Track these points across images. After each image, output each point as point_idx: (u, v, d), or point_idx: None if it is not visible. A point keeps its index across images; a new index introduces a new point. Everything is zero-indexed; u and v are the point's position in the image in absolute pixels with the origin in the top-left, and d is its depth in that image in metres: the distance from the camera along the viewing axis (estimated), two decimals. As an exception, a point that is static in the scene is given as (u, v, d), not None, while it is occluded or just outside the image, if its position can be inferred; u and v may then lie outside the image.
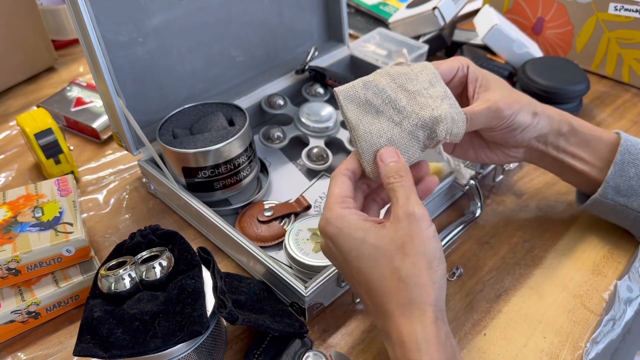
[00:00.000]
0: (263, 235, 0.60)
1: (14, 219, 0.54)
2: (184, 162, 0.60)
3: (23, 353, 0.53)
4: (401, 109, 0.47)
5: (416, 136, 0.47)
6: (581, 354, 0.50)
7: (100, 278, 0.46)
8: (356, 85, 0.48)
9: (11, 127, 0.83)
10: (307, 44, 0.82)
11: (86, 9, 0.55)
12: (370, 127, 0.47)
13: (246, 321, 0.45)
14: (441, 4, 0.87)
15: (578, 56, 0.91)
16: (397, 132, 0.47)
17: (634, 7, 0.80)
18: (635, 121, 0.81)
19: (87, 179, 0.73)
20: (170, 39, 0.66)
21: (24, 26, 0.87)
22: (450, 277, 0.58)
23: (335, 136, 0.73)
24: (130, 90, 0.64)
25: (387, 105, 0.47)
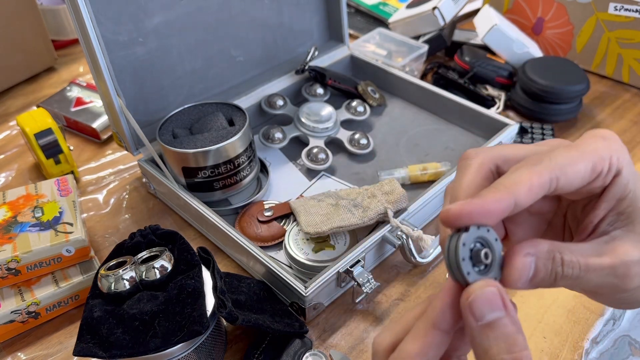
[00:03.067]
0: (263, 235, 0.60)
1: (14, 219, 0.54)
2: (184, 162, 0.60)
3: (23, 353, 0.53)
4: (339, 196, 0.58)
5: (350, 211, 0.56)
6: (581, 354, 0.50)
7: (100, 278, 0.46)
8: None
9: (11, 127, 0.83)
10: (307, 44, 0.82)
11: (86, 9, 0.55)
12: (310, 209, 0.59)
13: (246, 321, 0.45)
14: (441, 4, 0.87)
15: (578, 56, 0.91)
16: (333, 209, 0.57)
17: (634, 7, 0.80)
18: (635, 121, 0.81)
19: (87, 179, 0.73)
20: (170, 39, 0.66)
21: (24, 26, 0.87)
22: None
23: (335, 136, 0.73)
24: (130, 90, 0.64)
25: (327, 197, 0.60)
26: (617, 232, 0.29)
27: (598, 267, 0.28)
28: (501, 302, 0.25)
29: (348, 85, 0.79)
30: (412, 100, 0.81)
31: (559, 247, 0.28)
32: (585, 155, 0.29)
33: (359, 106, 0.77)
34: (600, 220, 0.30)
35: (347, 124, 0.76)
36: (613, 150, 0.29)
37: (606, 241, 0.29)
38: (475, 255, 0.26)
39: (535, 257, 0.27)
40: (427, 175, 0.67)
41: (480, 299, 0.25)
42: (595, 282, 0.28)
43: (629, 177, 0.29)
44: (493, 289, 0.25)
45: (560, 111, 0.78)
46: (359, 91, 0.79)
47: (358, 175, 0.70)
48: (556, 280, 0.28)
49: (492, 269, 0.26)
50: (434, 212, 0.64)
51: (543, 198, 0.31)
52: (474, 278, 0.26)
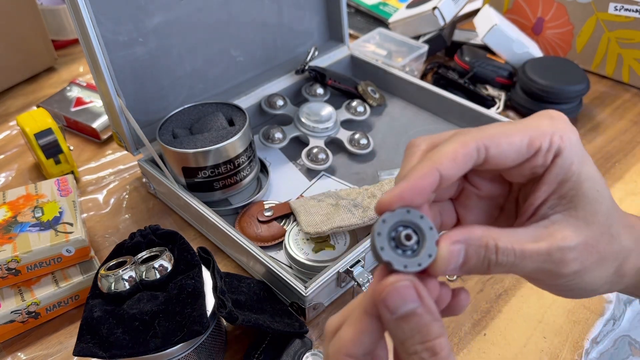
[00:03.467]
0: (263, 235, 0.60)
1: (14, 219, 0.54)
2: (184, 162, 0.60)
3: (23, 353, 0.53)
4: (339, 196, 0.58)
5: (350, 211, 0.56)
6: (581, 354, 0.50)
7: (100, 278, 0.46)
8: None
9: (11, 127, 0.83)
10: (307, 44, 0.82)
11: (86, 9, 0.55)
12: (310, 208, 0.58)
13: (246, 321, 0.45)
14: (441, 4, 0.87)
15: (578, 56, 0.91)
16: (333, 209, 0.56)
17: (634, 7, 0.80)
18: (635, 121, 0.81)
19: (87, 179, 0.73)
20: (170, 39, 0.66)
21: (24, 26, 0.87)
22: (450, 277, 0.58)
23: (335, 136, 0.73)
24: (130, 90, 0.64)
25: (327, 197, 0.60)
26: (556, 216, 0.28)
27: (534, 254, 0.27)
28: (415, 293, 0.25)
29: (348, 85, 0.79)
30: (412, 100, 0.81)
31: (493, 234, 0.27)
32: (524, 129, 0.28)
33: (359, 106, 0.77)
34: (542, 203, 0.29)
35: (347, 124, 0.76)
36: (556, 128, 0.28)
37: (544, 225, 0.28)
38: (397, 238, 0.26)
39: (466, 244, 0.27)
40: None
41: (393, 293, 0.25)
42: (530, 267, 0.28)
43: (573, 159, 0.28)
44: (406, 283, 0.25)
45: (560, 111, 0.78)
46: (359, 91, 0.79)
47: (358, 175, 0.70)
48: (490, 267, 0.27)
49: (419, 253, 0.26)
50: (434, 212, 0.64)
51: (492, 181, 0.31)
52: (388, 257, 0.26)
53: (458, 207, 0.33)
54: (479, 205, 0.33)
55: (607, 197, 0.29)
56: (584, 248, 0.28)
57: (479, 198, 0.32)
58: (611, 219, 0.29)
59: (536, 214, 0.29)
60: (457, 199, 0.33)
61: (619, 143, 0.76)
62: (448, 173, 0.26)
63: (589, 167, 0.29)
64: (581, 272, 0.28)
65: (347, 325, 0.27)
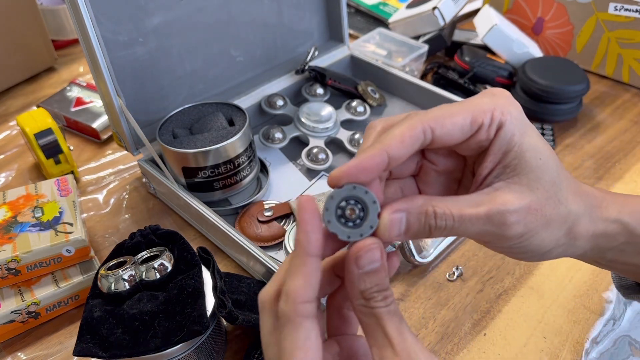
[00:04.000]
0: (263, 235, 0.60)
1: (14, 219, 0.54)
2: (184, 162, 0.60)
3: (23, 353, 0.53)
4: None
5: None
6: (581, 354, 0.50)
7: (100, 278, 0.46)
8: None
9: (11, 127, 0.83)
10: (307, 44, 0.82)
11: (86, 9, 0.55)
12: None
13: (246, 321, 0.45)
14: (441, 4, 0.87)
15: (578, 56, 0.91)
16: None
17: (634, 7, 0.80)
18: (635, 121, 0.81)
19: (87, 179, 0.73)
20: (170, 39, 0.66)
21: (24, 26, 0.87)
22: (450, 277, 0.58)
23: (335, 136, 0.73)
24: (130, 90, 0.64)
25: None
26: (499, 183, 0.31)
27: (473, 217, 0.30)
28: (380, 255, 0.29)
29: (348, 85, 0.79)
30: (412, 100, 0.81)
31: (432, 201, 0.30)
32: (466, 108, 0.30)
33: (359, 106, 0.77)
34: (488, 173, 0.31)
35: (347, 124, 0.76)
36: (497, 104, 0.31)
37: (487, 192, 0.31)
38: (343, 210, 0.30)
39: (407, 212, 0.30)
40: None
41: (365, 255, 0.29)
42: (473, 230, 0.30)
43: (514, 131, 0.30)
44: (376, 246, 0.29)
45: (560, 111, 0.78)
46: (359, 91, 0.79)
47: (358, 175, 0.70)
48: (432, 232, 0.30)
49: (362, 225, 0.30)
50: (434, 212, 0.64)
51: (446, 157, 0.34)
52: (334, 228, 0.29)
53: (419, 183, 0.35)
54: (439, 180, 0.35)
55: (551, 165, 0.31)
56: (527, 211, 0.30)
57: (437, 173, 0.35)
58: (557, 185, 0.31)
59: (483, 183, 0.32)
60: (418, 176, 0.35)
61: (619, 143, 0.76)
62: (396, 154, 0.29)
63: (531, 138, 0.31)
64: (527, 234, 0.31)
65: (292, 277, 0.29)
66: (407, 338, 0.29)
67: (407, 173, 0.35)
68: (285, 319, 0.29)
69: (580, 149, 0.76)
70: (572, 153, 0.75)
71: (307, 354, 0.28)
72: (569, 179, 0.33)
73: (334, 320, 0.34)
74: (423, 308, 0.55)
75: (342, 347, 0.33)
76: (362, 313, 0.30)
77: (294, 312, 0.28)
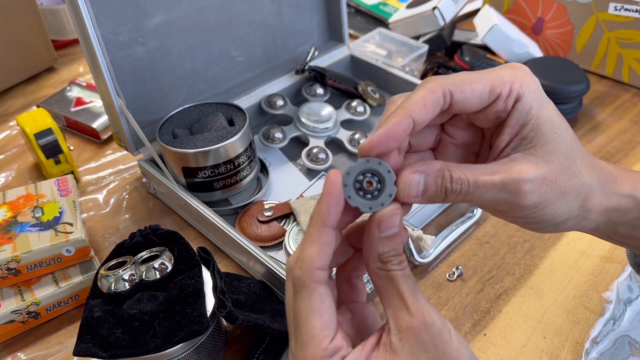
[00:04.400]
0: (263, 235, 0.60)
1: (14, 219, 0.54)
2: (184, 162, 0.60)
3: (23, 353, 0.53)
4: None
5: None
6: (581, 354, 0.50)
7: (100, 278, 0.46)
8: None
9: (11, 127, 0.83)
10: (307, 44, 0.82)
11: (86, 9, 0.55)
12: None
13: (246, 321, 0.45)
14: (441, 4, 0.87)
15: (578, 56, 0.91)
16: None
17: (634, 7, 0.80)
18: (635, 121, 0.81)
19: (87, 179, 0.73)
20: (170, 39, 0.66)
21: (24, 26, 0.87)
22: (450, 277, 0.58)
23: (335, 136, 0.73)
24: (130, 90, 0.64)
25: None
26: (516, 154, 0.32)
27: (488, 184, 0.30)
28: (399, 222, 0.31)
29: (348, 85, 0.79)
30: (412, 100, 0.81)
31: (450, 166, 0.31)
32: (487, 77, 0.31)
33: (359, 106, 0.77)
34: (506, 145, 0.32)
35: (347, 124, 0.76)
36: (517, 76, 0.31)
37: (503, 162, 0.31)
38: (361, 184, 0.31)
39: (425, 174, 0.31)
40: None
41: (388, 219, 0.30)
42: (487, 197, 0.31)
43: (532, 104, 0.31)
44: (398, 212, 0.30)
45: (560, 111, 0.78)
46: (359, 91, 0.79)
47: (358, 175, 0.70)
48: (447, 195, 0.31)
49: (381, 195, 0.31)
50: (433, 212, 0.64)
51: (465, 130, 0.35)
52: (356, 202, 0.31)
53: (437, 156, 0.36)
54: (456, 154, 0.36)
55: (567, 138, 0.32)
56: (542, 182, 0.31)
57: (455, 147, 0.36)
58: (572, 157, 0.32)
59: (501, 154, 0.32)
60: (436, 149, 0.36)
61: (619, 143, 0.76)
62: (419, 118, 0.30)
63: (548, 111, 0.32)
64: (542, 204, 0.31)
65: (309, 244, 0.30)
66: (420, 299, 0.30)
67: (426, 146, 0.36)
68: (300, 285, 0.30)
69: (580, 149, 0.76)
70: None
71: (322, 317, 0.30)
72: (584, 152, 0.33)
73: (343, 289, 0.35)
74: (423, 308, 0.55)
75: (354, 314, 0.34)
76: (378, 276, 0.31)
77: (308, 277, 0.30)
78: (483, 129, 0.35)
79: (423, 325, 0.29)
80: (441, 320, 0.30)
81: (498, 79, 0.31)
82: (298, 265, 0.30)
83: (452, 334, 0.30)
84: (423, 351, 0.29)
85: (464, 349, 0.30)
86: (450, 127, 0.35)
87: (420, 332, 0.29)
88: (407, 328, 0.29)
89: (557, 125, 0.32)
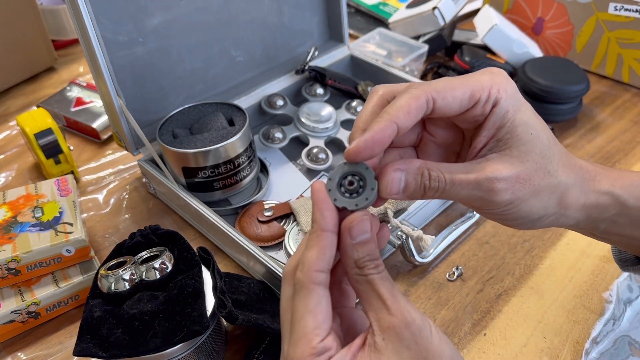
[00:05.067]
0: (263, 235, 0.60)
1: (14, 219, 0.54)
2: (184, 162, 0.60)
3: (23, 353, 0.53)
4: None
5: None
6: (581, 354, 0.50)
7: (100, 278, 0.46)
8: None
9: (11, 127, 0.83)
10: (307, 44, 0.82)
11: (86, 9, 0.55)
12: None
13: (246, 321, 0.45)
14: (441, 4, 0.87)
15: (578, 56, 0.91)
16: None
17: (634, 7, 0.80)
18: (635, 121, 0.81)
19: (87, 179, 0.73)
20: (170, 39, 0.66)
21: (24, 26, 0.87)
22: (450, 277, 0.58)
23: (335, 136, 0.73)
24: (130, 90, 0.64)
25: None
26: (492, 155, 0.33)
27: (464, 182, 0.32)
28: (369, 227, 0.32)
29: (348, 85, 0.79)
30: (412, 100, 0.81)
31: (428, 165, 0.33)
32: (466, 84, 0.32)
33: (359, 106, 0.77)
34: (483, 146, 0.34)
35: (347, 124, 0.76)
36: (495, 82, 0.33)
37: (479, 162, 0.33)
38: (344, 186, 0.33)
39: (406, 172, 0.33)
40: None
41: (357, 226, 0.32)
42: (462, 194, 0.33)
43: (508, 108, 0.33)
44: (366, 218, 0.32)
45: (560, 111, 0.78)
46: (359, 91, 0.79)
47: (358, 175, 0.70)
48: (426, 192, 0.33)
49: (364, 191, 0.33)
50: (433, 212, 0.64)
51: (445, 129, 0.37)
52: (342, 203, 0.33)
53: (420, 153, 0.38)
54: (437, 152, 0.38)
55: (543, 139, 0.34)
56: (515, 180, 0.33)
57: (436, 145, 0.38)
58: (548, 157, 0.34)
59: (478, 155, 0.34)
60: (418, 146, 0.38)
61: (619, 143, 0.76)
62: (403, 124, 0.31)
63: (524, 114, 0.34)
64: (516, 201, 0.33)
65: (309, 249, 0.32)
66: (399, 299, 0.31)
67: (407, 143, 0.37)
68: (300, 286, 0.32)
69: (580, 149, 0.76)
70: (572, 153, 0.74)
71: (316, 317, 0.31)
72: (562, 152, 0.35)
73: (334, 293, 0.35)
74: (423, 308, 0.55)
75: (343, 319, 0.36)
76: (356, 281, 0.32)
77: (308, 279, 0.31)
78: (463, 130, 0.36)
79: (403, 323, 0.30)
80: (421, 318, 0.31)
81: (477, 84, 0.32)
82: (299, 268, 0.32)
83: (433, 330, 0.31)
84: (405, 349, 0.30)
85: (444, 345, 0.31)
86: (432, 126, 0.37)
87: (402, 330, 0.30)
88: (389, 327, 0.30)
89: (533, 127, 0.33)
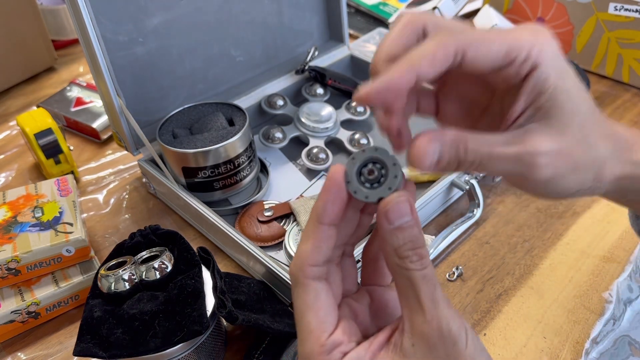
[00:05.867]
0: (263, 235, 0.60)
1: (14, 219, 0.54)
2: (184, 162, 0.60)
3: (23, 353, 0.53)
4: None
5: None
6: (581, 354, 0.50)
7: (100, 278, 0.46)
8: None
9: (11, 127, 0.83)
10: (307, 44, 0.82)
11: (86, 9, 0.55)
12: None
13: (246, 321, 0.45)
14: (441, 4, 0.87)
15: (578, 56, 0.91)
16: None
17: (634, 7, 0.80)
18: (636, 121, 0.81)
19: (87, 179, 0.73)
20: (170, 39, 0.66)
21: (24, 26, 0.87)
22: (450, 277, 0.58)
23: (335, 136, 0.73)
24: (130, 90, 0.64)
25: None
26: (532, 125, 0.30)
27: (502, 156, 0.29)
28: (409, 209, 0.28)
29: (348, 85, 0.79)
30: (412, 100, 0.81)
31: (464, 136, 0.29)
32: (504, 38, 0.29)
33: (359, 106, 0.77)
34: (520, 113, 0.30)
35: (347, 124, 0.76)
36: (537, 41, 0.29)
37: (518, 133, 0.30)
38: (363, 173, 0.30)
39: (441, 142, 0.28)
40: (427, 175, 0.67)
41: (394, 208, 0.28)
42: (501, 169, 0.30)
43: (550, 73, 0.29)
44: (404, 199, 0.28)
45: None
46: (359, 91, 0.79)
47: (358, 175, 0.70)
48: (460, 165, 0.29)
49: (384, 183, 0.29)
50: (433, 212, 0.64)
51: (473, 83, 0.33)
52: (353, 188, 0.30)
53: (440, 102, 0.34)
54: (461, 104, 0.34)
55: (584, 110, 0.30)
56: (557, 155, 0.30)
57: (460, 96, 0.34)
58: (588, 129, 0.31)
59: (515, 123, 0.31)
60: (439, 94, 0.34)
61: (619, 143, 0.76)
62: (425, 74, 0.27)
63: (566, 81, 0.30)
64: (556, 178, 0.30)
65: (304, 241, 0.30)
66: (439, 305, 0.28)
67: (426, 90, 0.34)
68: (295, 281, 0.30)
69: (580, 149, 0.76)
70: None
71: (318, 313, 0.29)
72: (601, 121, 0.32)
73: (367, 270, 0.34)
74: (423, 308, 0.55)
75: (373, 298, 0.33)
76: (396, 273, 0.29)
77: (301, 274, 0.30)
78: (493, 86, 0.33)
79: (438, 333, 0.28)
80: (458, 328, 0.28)
81: (516, 42, 0.29)
82: (293, 262, 0.30)
83: (469, 342, 0.28)
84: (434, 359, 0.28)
85: (478, 355, 0.29)
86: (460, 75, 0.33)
87: (435, 340, 0.28)
88: (422, 334, 0.28)
89: (575, 96, 0.30)
